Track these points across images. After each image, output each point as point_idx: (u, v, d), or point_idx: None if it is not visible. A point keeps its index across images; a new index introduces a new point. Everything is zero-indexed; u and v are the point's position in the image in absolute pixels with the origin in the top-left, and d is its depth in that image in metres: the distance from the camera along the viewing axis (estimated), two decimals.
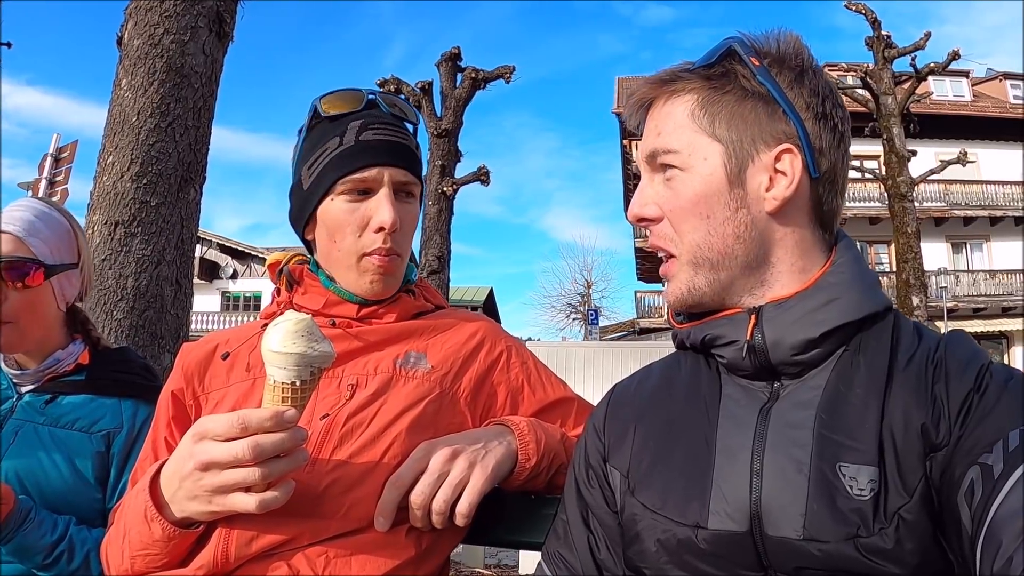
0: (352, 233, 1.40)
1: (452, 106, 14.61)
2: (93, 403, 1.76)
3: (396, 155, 1.42)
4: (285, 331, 1.11)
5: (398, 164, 1.42)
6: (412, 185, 1.46)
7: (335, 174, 1.40)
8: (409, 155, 1.45)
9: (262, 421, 1.10)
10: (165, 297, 4.01)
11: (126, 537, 1.25)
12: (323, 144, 1.43)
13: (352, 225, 1.40)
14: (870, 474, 0.95)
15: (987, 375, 0.98)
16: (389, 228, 1.38)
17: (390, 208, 1.38)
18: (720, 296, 1.13)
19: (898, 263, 15.79)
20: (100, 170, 4.08)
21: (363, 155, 1.40)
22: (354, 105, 1.45)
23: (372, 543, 1.25)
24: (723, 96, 1.10)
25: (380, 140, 1.42)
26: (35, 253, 1.71)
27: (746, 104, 1.09)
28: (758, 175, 1.09)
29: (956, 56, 16.57)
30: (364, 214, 1.40)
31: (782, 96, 1.08)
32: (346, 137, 1.41)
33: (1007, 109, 33.19)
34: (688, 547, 1.04)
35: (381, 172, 1.40)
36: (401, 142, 1.44)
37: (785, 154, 1.09)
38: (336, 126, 1.43)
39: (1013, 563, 0.76)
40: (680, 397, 1.18)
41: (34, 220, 1.74)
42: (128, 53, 4.16)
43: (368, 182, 1.40)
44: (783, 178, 1.09)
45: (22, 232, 1.70)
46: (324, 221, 1.44)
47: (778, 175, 1.09)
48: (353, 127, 1.42)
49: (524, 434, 1.36)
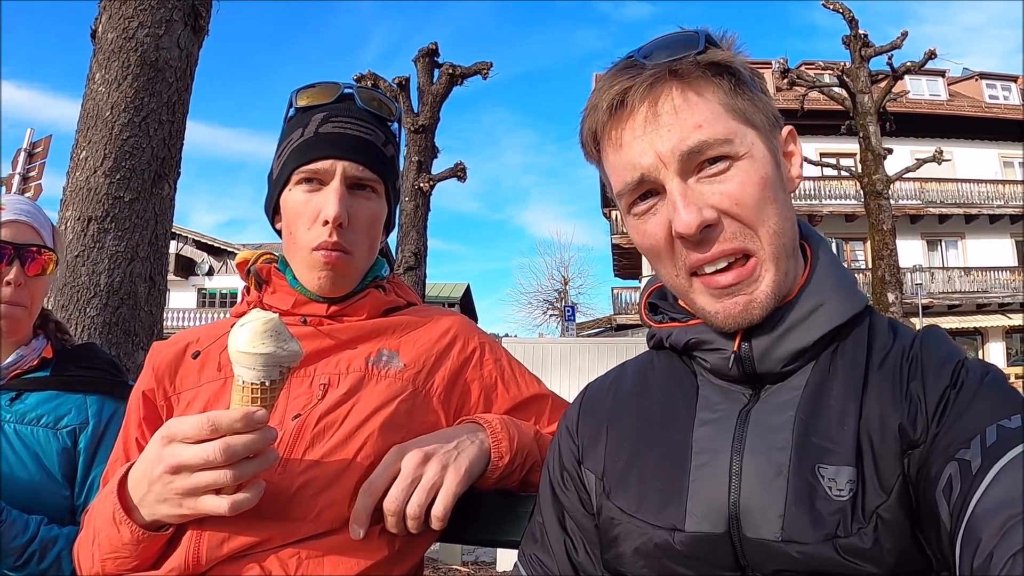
0: (304, 225, 1.40)
1: (429, 102, 14.55)
2: (58, 399, 1.74)
3: (352, 149, 1.41)
4: (253, 331, 1.09)
5: (353, 158, 1.40)
6: (370, 181, 1.43)
7: (292, 164, 1.40)
8: (370, 150, 1.43)
9: (232, 422, 1.09)
10: (139, 294, 3.96)
11: (96, 540, 1.24)
12: (289, 135, 1.44)
13: (304, 216, 1.40)
14: (849, 475, 0.94)
15: (963, 371, 0.98)
16: (333, 221, 1.36)
17: (336, 201, 1.37)
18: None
19: (874, 260, 15.91)
20: (73, 165, 4.02)
21: (318, 147, 1.40)
22: (326, 98, 1.45)
23: (344, 544, 1.24)
24: (740, 80, 1.06)
25: (338, 133, 1.41)
26: (45, 241, 1.75)
27: (754, 89, 1.07)
28: (780, 156, 1.09)
29: (932, 55, 16.70)
30: (315, 206, 1.39)
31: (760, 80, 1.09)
32: (307, 129, 1.41)
33: (983, 109, 33.59)
34: (665, 550, 1.03)
35: (334, 164, 1.39)
36: (362, 136, 1.43)
37: (790, 135, 1.11)
38: (303, 118, 1.44)
39: (993, 559, 0.76)
40: (655, 398, 1.17)
41: (35, 211, 1.77)
42: (102, 47, 4.10)
43: (320, 173, 1.39)
44: (795, 157, 1.11)
45: (33, 220, 1.73)
46: (284, 211, 1.44)
47: (787, 156, 1.11)
48: (316, 119, 1.42)
49: (497, 432, 1.35)
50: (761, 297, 1.03)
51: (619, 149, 1.06)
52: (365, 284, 1.50)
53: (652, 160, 1.02)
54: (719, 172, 1.02)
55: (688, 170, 1.02)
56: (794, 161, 1.12)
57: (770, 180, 1.04)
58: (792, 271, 1.07)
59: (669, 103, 1.02)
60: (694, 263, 1.04)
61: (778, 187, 1.05)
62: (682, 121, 1.02)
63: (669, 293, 1.23)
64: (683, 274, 1.07)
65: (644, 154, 1.03)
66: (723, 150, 1.02)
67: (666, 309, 1.22)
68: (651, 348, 1.25)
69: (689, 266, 1.05)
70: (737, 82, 1.05)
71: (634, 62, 1.06)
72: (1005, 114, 33.35)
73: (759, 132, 1.05)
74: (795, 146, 1.13)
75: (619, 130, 1.06)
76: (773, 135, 1.08)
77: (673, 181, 1.02)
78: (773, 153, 1.07)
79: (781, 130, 1.10)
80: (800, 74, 17.73)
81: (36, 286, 1.74)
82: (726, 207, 1.02)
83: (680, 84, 1.03)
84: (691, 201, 1.01)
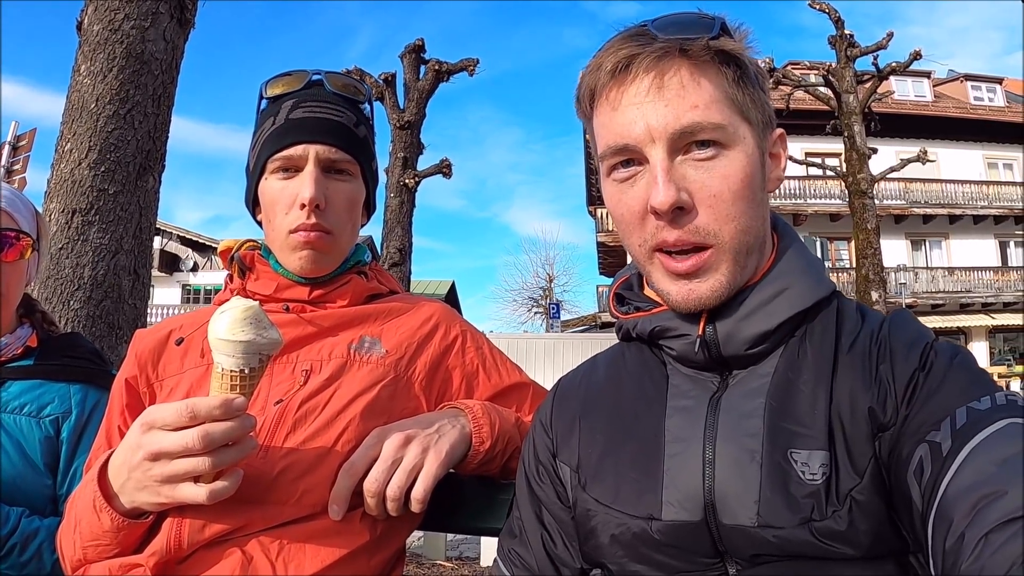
0: (282, 211, 1.40)
1: (415, 98, 14.49)
2: (41, 388, 1.73)
3: (324, 132, 1.41)
4: (232, 319, 1.09)
5: (325, 141, 1.41)
6: (344, 163, 1.44)
7: (266, 153, 1.41)
8: (342, 132, 1.44)
9: (211, 409, 1.09)
10: (123, 287, 3.95)
11: (77, 528, 1.24)
12: (262, 125, 1.45)
13: (281, 203, 1.40)
14: (821, 458, 0.95)
15: (932, 353, 0.99)
16: (309, 204, 1.37)
17: (311, 184, 1.37)
18: None
19: (858, 259, 15.97)
20: (58, 157, 3.99)
21: (290, 133, 1.40)
22: (295, 85, 1.46)
23: (326, 529, 1.24)
24: (744, 73, 1.06)
25: (309, 117, 1.41)
26: (20, 225, 1.71)
27: (756, 85, 1.07)
28: (767, 156, 1.11)
29: (917, 56, 16.77)
30: (292, 192, 1.39)
31: (764, 79, 1.09)
32: (278, 116, 1.42)
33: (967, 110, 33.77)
34: (643, 539, 1.03)
35: (307, 149, 1.39)
36: (333, 119, 1.43)
37: (779, 138, 1.12)
38: (274, 107, 1.45)
39: (965, 540, 0.77)
40: (626, 389, 1.18)
41: (11, 195, 1.74)
42: (88, 39, 4.08)
43: (295, 160, 1.40)
44: (780, 159, 1.12)
45: (8, 205, 1.70)
46: (262, 200, 1.45)
47: (773, 157, 1.12)
48: (286, 106, 1.43)
49: (478, 417, 1.35)
50: (716, 286, 1.04)
51: (614, 111, 1.06)
52: (347, 268, 1.50)
53: (642, 131, 1.02)
54: (706, 158, 1.02)
55: (676, 148, 1.02)
56: (779, 163, 1.13)
57: (752, 177, 1.04)
58: (753, 264, 1.08)
59: (676, 79, 1.02)
60: (659, 242, 1.05)
61: (757, 186, 1.06)
62: (682, 99, 1.01)
63: (635, 283, 1.25)
64: (647, 247, 1.07)
65: (635, 123, 1.03)
66: (714, 135, 1.02)
67: (632, 299, 1.23)
68: (620, 340, 1.26)
69: (655, 243, 1.06)
70: (742, 74, 1.05)
71: (646, 30, 1.06)
72: (990, 115, 33.57)
73: (752, 128, 1.06)
74: (783, 149, 1.14)
75: (619, 92, 1.05)
76: (765, 134, 1.09)
77: (659, 155, 1.02)
78: (761, 151, 1.08)
79: (773, 131, 1.11)
80: (786, 73, 17.77)
81: (13, 273, 1.72)
82: (702, 197, 1.02)
83: (688, 63, 1.03)
84: (671, 179, 1.01)
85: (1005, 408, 0.89)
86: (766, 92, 1.09)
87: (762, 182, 1.07)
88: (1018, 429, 0.85)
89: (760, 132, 1.07)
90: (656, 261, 1.07)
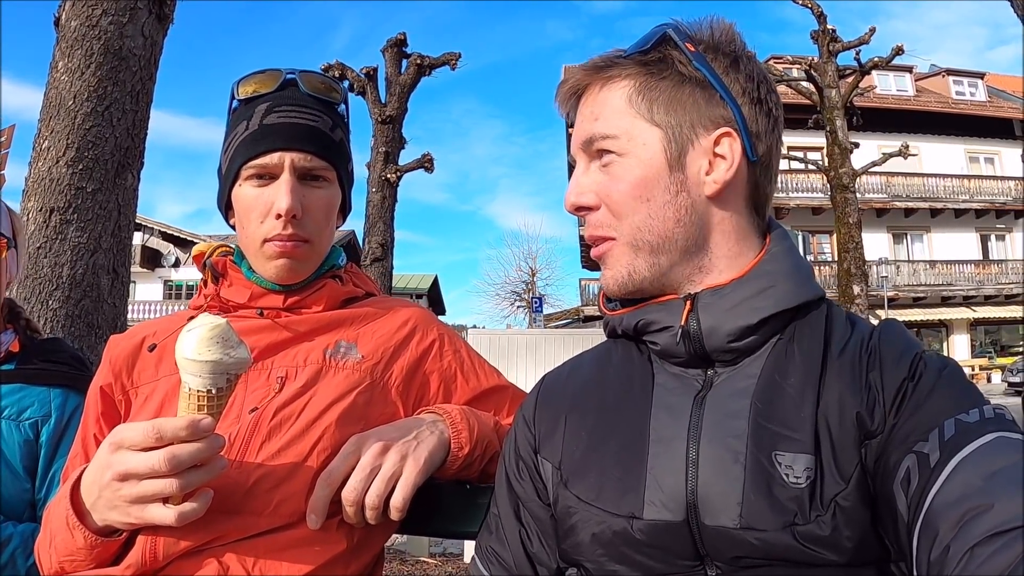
0: (256, 219, 1.38)
1: (397, 92, 14.43)
2: (21, 392, 1.72)
3: (300, 139, 1.38)
4: (199, 338, 1.07)
5: (301, 148, 1.38)
6: (320, 170, 1.41)
7: (240, 160, 1.38)
8: (317, 137, 1.41)
9: (176, 431, 1.07)
10: (102, 286, 3.92)
11: (52, 542, 1.23)
12: (235, 128, 1.41)
13: (256, 211, 1.38)
14: (806, 462, 0.95)
15: (921, 364, 0.99)
16: (286, 215, 1.35)
17: (287, 194, 1.35)
18: (660, 282, 1.13)
19: (840, 252, 16.10)
20: (35, 155, 3.97)
21: (264, 140, 1.37)
22: (268, 86, 1.42)
23: (302, 538, 1.23)
24: (660, 81, 1.10)
25: (284, 123, 1.38)
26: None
27: (684, 89, 1.09)
28: (698, 159, 1.10)
29: (900, 51, 16.88)
30: (267, 200, 1.37)
31: (719, 81, 1.09)
32: (252, 121, 1.39)
33: (949, 105, 34.06)
34: (624, 538, 1.03)
35: (282, 157, 1.37)
36: (309, 124, 1.40)
37: (724, 137, 1.10)
38: (247, 110, 1.41)
39: (950, 552, 0.78)
40: (612, 386, 1.17)
41: None
42: (65, 35, 4.05)
43: (269, 168, 1.37)
44: (723, 162, 1.10)
45: None
46: (236, 207, 1.43)
47: (717, 159, 1.10)
48: (260, 110, 1.39)
49: (456, 422, 1.34)
50: (616, 276, 1.15)
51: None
52: (322, 273, 1.48)
53: (574, 144, 1.18)
54: (605, 165, 1.14)
55: (590, 156, 1.16)
56: (718, 165, 1.10)
57: (648, 180, 1.10)
58: (667, 263, 1.12)
59: (590, 95, 1.16)
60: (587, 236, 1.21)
61: (660, 187, 1.10)
62: (586, 113, 1.16)
63: None
64: None
65: (573, 138, 1.19)
66: (607, 144, 1.12)
67: None
68: (608, 336, 1.26)
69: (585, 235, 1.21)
70: (646, 83, 1.11)
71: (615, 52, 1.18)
72: (971, 110, 33.90)
73: (665, 132, 1.09)
74: (730, 151, 1.10)
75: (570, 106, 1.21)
76: (692, 135, 1.10)
77: (580, 163, 1.18)
78: (676, 153, 1.09)
79: (713, 131, 1.10)
80: (768, 68, 17.84)
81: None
82: (602, 197, 1.14)
83: (602, 80, 1.15)
84: (578, 183, 1.17)
85: (993, 421, 0.90)
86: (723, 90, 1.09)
87: (667, 184, 1.10)
88: (1006, 443, 0.86)
89: (679, 134, 1.10)
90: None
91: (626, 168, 1.10)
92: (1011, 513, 0.76)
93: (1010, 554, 0.73)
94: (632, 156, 1.10)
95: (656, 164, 1.09)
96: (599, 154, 1.13)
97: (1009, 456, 0.84)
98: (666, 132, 1.09)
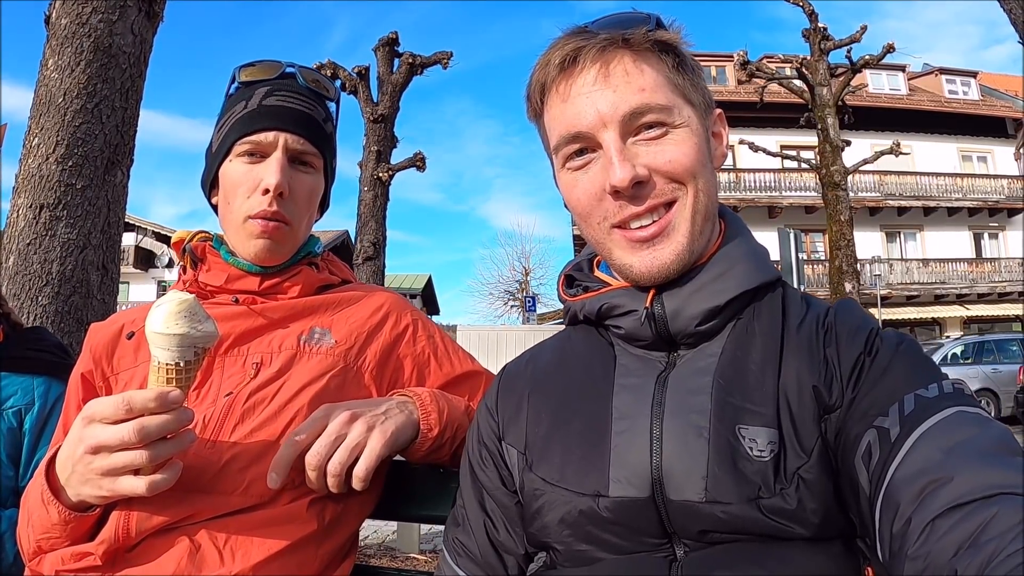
0: (243, 195, 1.42)
1: (389, 91, 14.39)
2: (4, 380, 1.74)
3: (295, 122, 1.44)
4: (167, 312, 1.10)
5: (296, 131, 1.44)
6: (310, 155, 1.47)
7: (234, 135, 1.43)
8: (311, 124, 1.47)
9: (146, 402, 1.09)
10: (91, 282, 3.93)
11: (30, 521, 1.25)
12: (232, 107, 1.46)
13: (244, 186, 1.42)
14: (769, 435, 0.97)
15: (877, 339, 1.03)
16: (274, 190, 1.39)
17: (277, 171, 1.40)
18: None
19: (831, 250, 16.10)
20: (25, 152, 3.97)
21: (262, 119, 1.42)
22: (269, 74, 1.49)
23: (274, 518, 1.26)
24: (681, 61, 1.13)
25: (282, 106, 1.44)
26: None
27: (694, 72, 1.15)
28: (710, 135, 1.17)
29: (891, 49, 16.89)
30: (256, 176, 1.41)
31: (697, 66, 1.16)
32: (251, 101, 1.44)
33: (942, 103, 34.04)
34: (590, 517, 1.04)
35: (277, 136, 1.42)
36: (305, 111, 1.46)
37: (719, 118, 1.19)
38: (247, 91, 1.47)
39: (911, 524, 0.79)
40: (573, 369, 1.19)
41: None
42: (55, 33, 4.05)
43: (263, 145, 1.42)
44: (720, 138, 1.19)
45: None
46: (223, 182, 1.46)
47: (716, 136, 1.18)
48: (260, 92, 1.45)
49: (426, 404, 1.36)
50: (678, 249, 1.09)
51: (564, 102, 1.12)
52: (298, 259, 1.52)
53: (593, 118, 1.09)
54: (655, 137, 1.09)
55: (627, 131, 1.09)
56: (721, 142, 1.19)
57: (702, 150, 1.11)
58: (707, 235, 1.13)
59: (620, 67, 1.09)
60: (626, 217, 1.10)
61: (707, 159, 1.13)
62: (628, 84, 1.08)
63: (585, 266, 1.30)
64: (605, 226, 1.12)
65: (586, 111, 1.09)
66: (661, 117, 1.09)
67: (581, 280, 1.26)
68: (568, 324, 1.29)
69: (618, 220, 1.11)
70: (680, 61, 1.13)
71: (586, 29, 1.14)
72: (964, 109, 33.86)
73: (695, 109, 1.13)
74: (723, 128, 1.20)
75: (568, 84, 1.12)
76: (707, 115, 1.16)
77: (611, 138, 1.08)
78: (705, 130, 1.14)
79: (713, 112, 1.18)
80: (760, 66, 17.84)
81: None
82: (659, 165, 1.08)
83: (631, 52, 1.10)
84: (626, 158, 1.07)
85: (952, 396, 0.92)
86: (702, 78, 1.16)
87: (709, 157, 1.14)
88: (964, 417, 0.88)
89: (703, 113, 1.15)
90: (615, 236, 1.13)
91: (683, 136, 1.10)
92: (970, 485, 0.78)
93: (969, 525, 0.74)
94: (685, 127, 1.10)
95: (702, 137, 1.13)
96: (642, 128, 1.09)
97: (968, 430, 0.86)
98: (697, 109, 1.14)
